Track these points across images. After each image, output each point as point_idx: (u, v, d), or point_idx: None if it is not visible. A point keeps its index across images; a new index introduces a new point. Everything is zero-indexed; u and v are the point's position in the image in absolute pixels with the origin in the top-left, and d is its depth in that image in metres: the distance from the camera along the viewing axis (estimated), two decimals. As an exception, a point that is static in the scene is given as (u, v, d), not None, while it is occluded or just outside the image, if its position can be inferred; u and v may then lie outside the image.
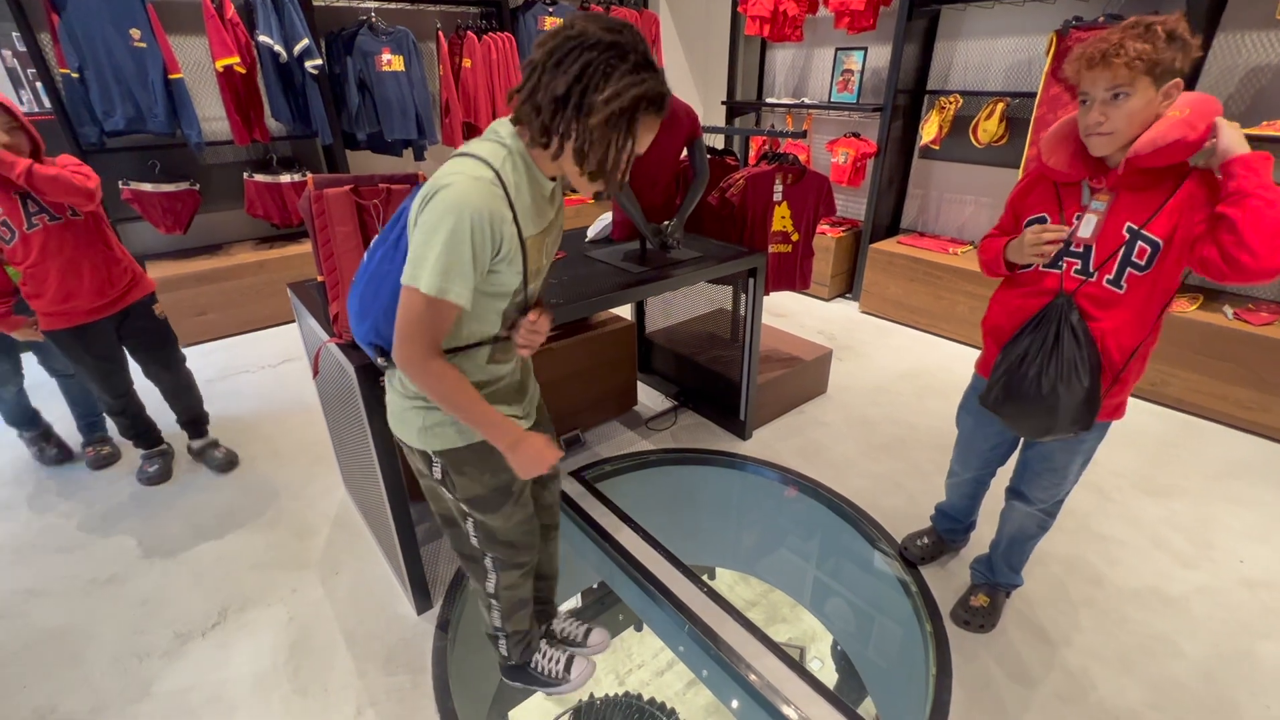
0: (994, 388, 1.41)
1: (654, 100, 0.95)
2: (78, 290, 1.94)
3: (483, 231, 0.93)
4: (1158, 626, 1.74)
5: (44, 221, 1.87)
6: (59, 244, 1.89)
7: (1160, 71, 1.11)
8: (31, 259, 1.87)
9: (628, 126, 0.94)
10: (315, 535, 2.11)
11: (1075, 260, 1.30)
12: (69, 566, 1.98)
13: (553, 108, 0.93)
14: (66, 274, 1.91)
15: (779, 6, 3.80)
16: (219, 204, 3.84)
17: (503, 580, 1.38)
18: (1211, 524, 2.12)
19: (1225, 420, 2.68)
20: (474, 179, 0.93)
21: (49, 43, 3.06)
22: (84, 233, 1.94)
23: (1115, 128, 1.16)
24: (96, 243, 1.98)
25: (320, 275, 1.54)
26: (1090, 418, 1.32)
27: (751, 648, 1.65)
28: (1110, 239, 1.25)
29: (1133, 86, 1.12)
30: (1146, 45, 1.08)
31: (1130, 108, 1.14)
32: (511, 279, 1.03)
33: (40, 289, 1.91)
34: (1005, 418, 1.43)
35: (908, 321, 3.74)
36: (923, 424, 2.71)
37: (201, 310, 3.50)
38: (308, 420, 2.75)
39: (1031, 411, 1.35)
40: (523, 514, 1.31)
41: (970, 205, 3.79)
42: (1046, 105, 2.99)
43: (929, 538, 1.96)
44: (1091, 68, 1.14)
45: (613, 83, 0.91)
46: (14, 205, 1.83)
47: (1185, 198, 1.18)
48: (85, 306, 1.98)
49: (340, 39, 3.74)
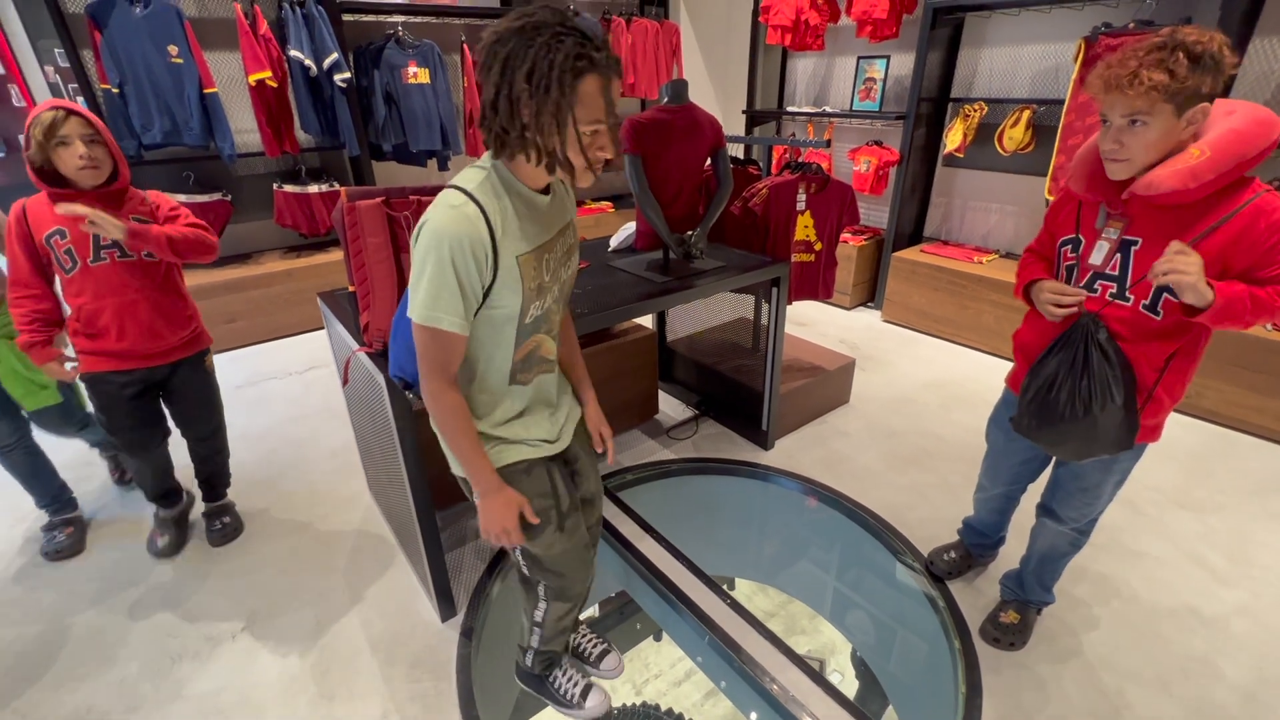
0: (1025, 414, 1.37)
1: (580, 58, 0.88)
2: (131, 332, 1.75)
3: (463, 258, 0.94)
4: (1196, 647, 1.69)
5: (113, 257, 1.69)
6: (122, 282, 1.71)
7: (1183, 99, 1.05)
8: (89, 294, 1.69)
9: (560, 95, 0.89)
10: (341, 541, 2.14)
11: (1110, 283, 1.25)
12: (101, 571, 2.03)
13: (492, 114, 0.93)
14: (123, 313, 1.73)
15: (801, 16, 3.80)
16: (249, 214, 3.94)
17: (552, 611, 1.39)
18: (1249, 540, 2.06)
19: (1261, 433, 2.61)
20: (449, 208, 0.95)
21: (91, 59, 3.17)
22: (152, 275, 1.77)
23: (1130, 155, 1.12)
24: (163, 286, 1.80)
25: (351, 285, 1.57)
26: (1130, 438, 1.28)
27: (774, 659, 1.64)
28: (1149, 262, 1.17)
29: (1151, 115, 1.07)
30: (1163, 77, 1.02)
31: (1147, 138, 1.09)
32: (511, 300, 1.03)
33: (91, 326, 1.72)
34: (1042, 443, 1.39)
35: (931, 331, 3.70)
36: (949, 435, 2.68)
37: (231, 318, 3.58)
38: (334, 427, 2.80)
39: (1068, 435, 1.31)
40: (567, 543, 1.28)
41: (995, 214, 3.75)
42: (1074, 113, 2.95)
43: (956, 552, 1.93)
44: (1109, 92, 1.09)
45: (528, 62, 0.88)
46: (85, 235, 1.64)
47: (1240, 230, 1.10)
48: (138, 350, 1.78)
49: (368, 53, 3.82)
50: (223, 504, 2.20)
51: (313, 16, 3.46)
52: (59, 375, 1.78)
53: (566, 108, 0.90)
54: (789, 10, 3.81)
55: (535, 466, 1.20)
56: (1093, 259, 1.26)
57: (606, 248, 2.48)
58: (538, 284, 1.06)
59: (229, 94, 3.61)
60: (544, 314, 1.12)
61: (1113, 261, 1.24)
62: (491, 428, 1.16)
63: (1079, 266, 1.29)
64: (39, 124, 1.50)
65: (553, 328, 1.17)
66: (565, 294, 1.19)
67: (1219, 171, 1.07)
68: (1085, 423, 1.27)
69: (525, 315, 1.07)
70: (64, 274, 1.68)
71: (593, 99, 0.92)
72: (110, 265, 1.68)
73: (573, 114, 0.91)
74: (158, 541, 2.08)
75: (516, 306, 1.04)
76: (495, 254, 0.98)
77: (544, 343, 1.16)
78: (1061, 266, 1.35)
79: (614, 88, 0.94)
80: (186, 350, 1.90)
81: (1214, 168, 1.06)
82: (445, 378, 1.04)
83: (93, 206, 1.57)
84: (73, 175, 1.57)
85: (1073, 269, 1.31)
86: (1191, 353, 1.27)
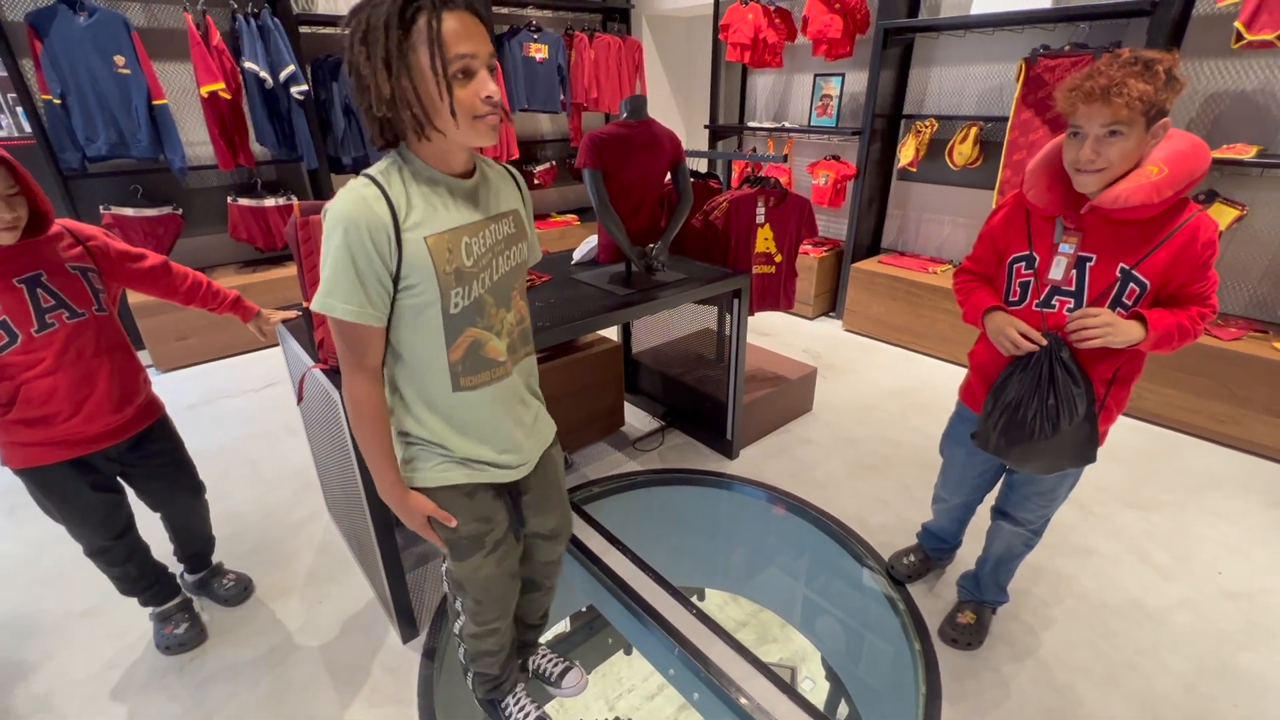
0: (992, 434, 1.39)
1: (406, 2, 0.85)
2: (89, 408, 1.42)
3: (360, 242, 0.92)
4: (1142, 640, 1.76)
5: (61, 320, 1.36)
6: (78, 349, 1.39)
7: (1155, 113, 1.10)
8: (39, 369, 1.34)
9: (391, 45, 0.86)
10: (298, 562, 2.07)
11: (1067, 299, 1.28)
12: (44, 599, 1.93)
13: (360, 100, 0.92)
14: (78, 387, 1.39)
15: (759, 34, 3.90)
16: (202, 228, 3.82)
17: (468, 629, 1.36)
18: (1190, 536, 2.16)
19: (1201, 434, 2.74)
20: (348, 191, 0.94)
21: (30, 68, 3.05)
22: (107, 332, 1.45)
23: (1108, 164, 1.14)
24: (117, 344, 1.49)
25: (305, 301, 1.54)
26: (1094, 450, 1.32)
27: (741, 670, 1.64)
28: (1103, 278, 1.23)
29: (1130, 126, 1.10)
30: (1149, 86, 1.06)
31: (1124, 147, 1.12)
32: (426, 286, 0.98)
33: (39, 408, 1.36)
34: (1010, 461, 1.41)
35: (890, 339, 3.80)
36: (908, 441, 2.74)
37: (183, 335, 3.46)
38: (292, 445, 2.72)
39: (1038, 452, 1.33)
40: (492, 570, 1.23)
41: (948, 225, 3.88)
42: (1018, 129, 3.09)
43: (915, 556, 1.97)
44: (1090, 102, 1.10)
45: (361, 27, 0.88)
46: (17, 300, 1.30)
47: (1180, 247, 1.17)
48: (95, 429, 1.45)
49: (326, 65, 3.78)
50: (215, 565, 1.94)
51: (268, 28, 3.40)
52: None
53: (400, 57, 0.86)
54: (747, 29, 3.90)
55: (480, 491, 1.17)
56: (1052, 274, 1.28)
57: (570, 260, 2.49)
58: (454, 268, 1.00)
59: (180, 105, 3.52)
60: (475, 305, 1.04)
61: (1069, 276, 1.27)
62: (436, 437, 1.11)
63: (1036, 282, 1.32)
64: None
65: (494, 325, 1.09)
66: (508, 289, 1.11)
67: (1176, 189, 1.13)
68: (1055, 440, 1.30)
69: (448, 303, 1.01)
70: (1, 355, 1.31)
71: (437, 40, 0.86)
72: (62, 330, 1.36)
73: (412, 62, 0.87)
74: (175, 631, 1.73)
75: (434, 293, 0.99)
76: (398, 234, 0.94)
77: (486, 341, 1.08)
78: (1014, 283, 1.36)
79: (463, 21, 0.88)
80: (152, 412, 1.61)
81: (1172, 184, 1.12)
82: (353, 367, 1.01)
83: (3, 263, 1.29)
84: None
85: (1028, 285, 1.33)
86: (1136, 365, 1.33)
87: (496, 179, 1.11)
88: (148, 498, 1.70)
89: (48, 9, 2.93)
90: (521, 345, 1.18)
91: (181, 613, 1.76)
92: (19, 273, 1.31)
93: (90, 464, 1.49)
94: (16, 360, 1.33)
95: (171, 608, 1.75)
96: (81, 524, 1.53)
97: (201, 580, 1.91)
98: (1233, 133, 2.72)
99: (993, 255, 1.44)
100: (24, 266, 1.32)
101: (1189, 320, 1.21)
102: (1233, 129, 2.72)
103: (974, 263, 1.50)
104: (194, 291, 1.65)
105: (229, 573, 1.95)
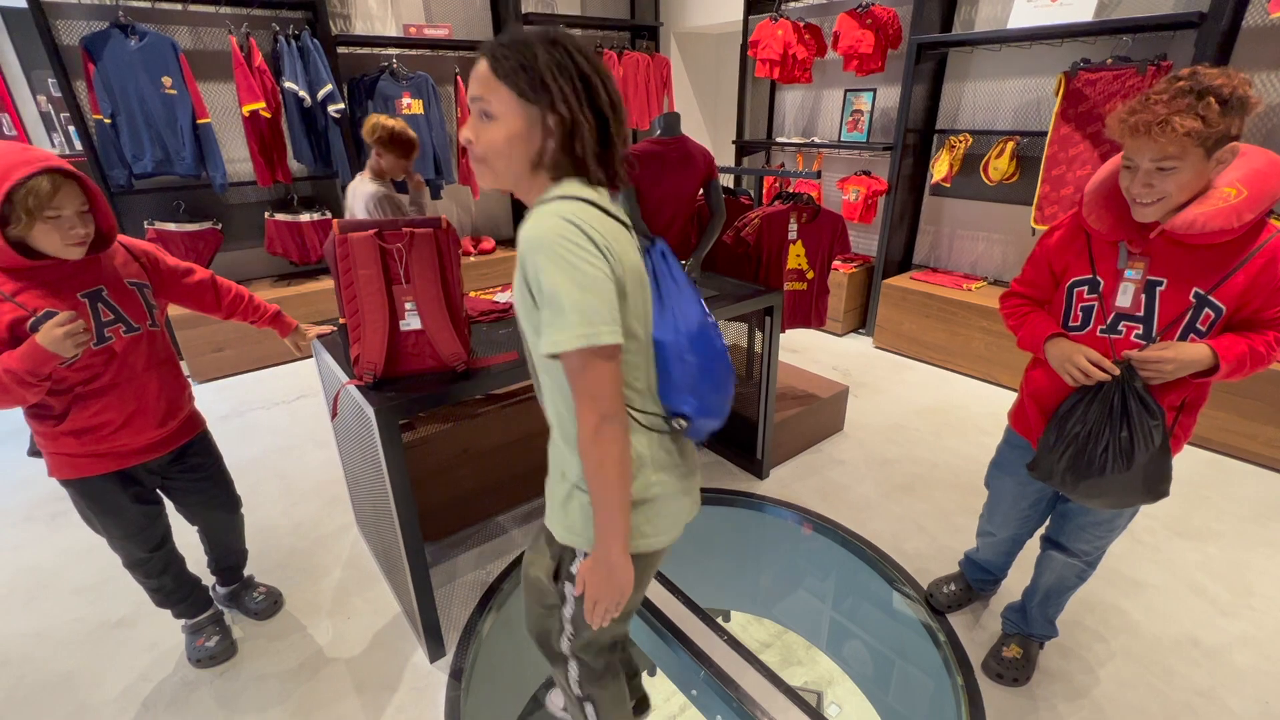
0: (1057, 468, 1.30)
1: None
2: (138, 421, 1.44)
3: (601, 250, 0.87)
4: (1201, 681, 1.66)
5: (119, 334, 1.38)
6: (131, 364, 1.41)
7: (1214, 143, 1.04)
8: (95, 384, 1.36)
9: None
10: (327, 577, 2.08)
11: (1136, 324, 1.22)
12: (79, 609, 1.96)
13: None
14: (127, 400, 1.42)
15: (788, 50, 3.89)
16: (240, 242, 3.92)
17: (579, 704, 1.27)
18: (1248, 568, 2.05)
19: (1254, 459, 2.62)
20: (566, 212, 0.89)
21: (83, 89, 3.17)
22: (157, 347, 1.47)
23: (1163, 195, 1.09)
24: (166, 359, 1.51)
25: (342, 317, 1.55)
26: (1167, 484, 1.25)
27: (771, 696, 1.59)
28: (1175, 303, 1.18)
29: (1182, 160, 1.05)
30: (1196, 124, 1.00)
31: (1179, 180, 1.07)
32: None
33: (90, 420, 1.38)
34: (1076, 495, 1.32)
35: (923, 357, 3.71)
36: (943, 462, 2.66)
37: (219, 346, 3.54)
38: (322, 458, 2.74)
39: (1109, 488, 1.26)
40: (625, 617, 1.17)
41: (983, 241, 3.80)
42: (1057, 144, 3.02)
43: (957, 584, 1.90)
44: (1135, 136, 1.06)
45: None
46: (80, 314, 1.29)
47: (1259, 270, 1.11)
48: (141, 442, 1.47)
49: (362, 84, 3.86)
50: (246, 578, 1.95)
51: (307, 49, 3.49)
52: None
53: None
54: (777, 45, 3.89)
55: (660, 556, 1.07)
56: (1119, 300, 1.23)
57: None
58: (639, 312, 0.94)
59: (222, 123, 3.62)
60: None
61: (1138, 301, 1.21)
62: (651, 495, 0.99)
63: (1100, 307, 1.26)
64: (32, 193, 1.17)
65: None
66: None
67: (1258, 211, 1.07)
68: (1130, 474, 1.23)
69: None
70: (61, 367, 1.31)
71: None
72: (116, 344, 1.38)
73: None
74: (207, 644, 1.74)
75: None
76: None
77: None
78: (1075, 308, 1.30)
79: None
80: (194, 425, 1.62)
81: (1254, 207, 1.07)
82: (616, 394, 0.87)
83: (65, 277, 1.31)
84: (55, 251, 1.25)
85: (1090, 310, 1.27)
86: (1204, 391, 1.27)
87: None
88: (186, 510, 1.71)
89: (102, 33, 3.05)
90: None
91: (213, 625, 1.77)
92: (82, 287, 1.32)
93: (133, 476, 1.50)
94: (75, 374, 1.34)
95: (204, 620, 1.76)
96: (122, 535, 1.54)
97: (233, 593, 1.92)
98: (1287, 147, 2.62)
99: (1048, 278, 1.38)
100: (87, 281, 1.33)
101: (1264, 346, 1.14)
102: (1287, 143, 2.63)
103: (1025, 285, 1.44)
104: (236, 305, 1.68)
105: (260, 585, 1.96)
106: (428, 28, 4.05)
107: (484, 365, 1.61)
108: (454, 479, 2.19)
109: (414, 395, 1.46)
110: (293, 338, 1.79)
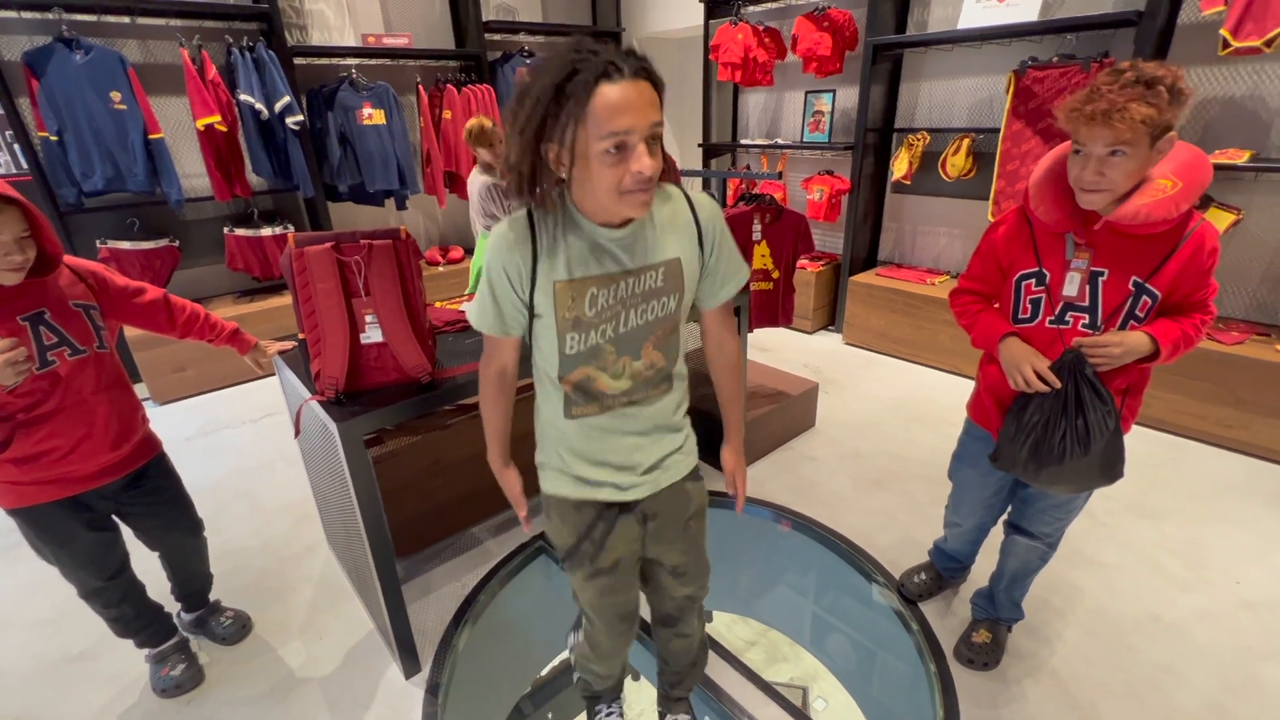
0: (1019, 457, 1.34)
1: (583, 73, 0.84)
2: (87, 445, 1.40)
3: (499, 276, 1.02)
4: (1162, 655, 1.72)
5: (63, 357, 1.34)
6: (78, 387, 1.37)
7: (1159, 131, 1.09)
8: (38, 409, 1.32)
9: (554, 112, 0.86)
10: (297, 596, 2.03)
11: (1082, 314, 1.27)
12: (37, 643, 1.89)
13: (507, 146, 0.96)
14: (76, 425, 1.38)
15: (749, 54, 3.94)
16: (199, 259, 3.83)
17: (581, 640, 1.45)
18: (1204, 545, 2.12)
19: (1207, 439, 2.72)
20: (499, 226, 1.03)
21: (27, 106, 3.07)
22: (106, 369, 1.43)
23: (1112, 184, 1.13)
24: (116, 381, 1.47)
25: (301, 333, 1.52)
26: (1121, 465, 1.29)
27: (753, 697, 1.60)
28: (1117, 292, 1.22)
29: (1134, 147, 1.09)
30: (1152, 110, 1.04)
31: (1129, 167, 1.11)
32: (549, 322, 1.02)
33: (35, 447, 1.34)
34: (1038, 482, 1.37)
35: (891, 352, 3.78)
36: (913, 456, 2.71)
37: (180, 366, 3.44)
38: (290, 476, 2.69)
39: (1069, 474, 1.30)
40: (594, 597, 1.27)
41: (944, 236, 3.89)
42: (1010, 140, 3.11)
43: (927, 574, 1.93)
44: (1091, 124, 1.09)
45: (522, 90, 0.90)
46: (21, 338, 1.26)
47: (1189, 256, 1.17)
48: (92, 467, 1.43)
49: (321, 95, 3.81)
50: (213, 603, 1.89)
51: (263, 60, 3.43)
52: None
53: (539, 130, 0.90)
54: (737, 49, 3.94)
55: (586, 507, 1.19)
56: (1066, 290, 1.27)
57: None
58: (574, 316, 1.00)
59: (176, 138, 3.54)
60: (591, 351, 1.04)
61: (1083, 292, 1.26)
62: (555, 451, 1.18)
63: (1048, 299, 1.30)
64: None
65: (609, 368, 1.07)
66: (638, 341, 1.07)
67: (1191, 201, 1.13)
68: (1087, 460, 1.27)
69: (564, 345, 1.03)
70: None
71: (581, 118, 0.86)
72: (61, 368, 1.34)
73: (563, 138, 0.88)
74: (172, 673, 1.68)
75: (553, 332, 1.03)
76: (534, 274, 1.00)
77: (598, 378, 1.07)
78: (1025, 300, 1.33)
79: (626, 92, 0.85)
80: (149, 449, 1.58)
81: (1189, 198, 1.12)
82: (487, 359, 1.16)
83: (4, 300, 1.27)
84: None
85: (1039, 302, 1.31)
86: (1146, 374, 1.32)
87: (665, 223, 1.05)
88: (144, 536, 1.66)
89: (45, 48, 2.96)
90: (653, 386, 1.13)
91: (178, 653, 1.71)
92: (23, 310, 1.28)
93: (85, 502, 1.45)
94: (17, 400, 1.30)
95: (168, 648, 1.70)
96: (75, 565, 1.48)
97: (199, 619, 1.86)
98: (1223, 138, 2.73)
99: (995, 272, 1.42)
100: (28, 305, 1.29)
101: (1192, 328, 1.21)
102: (1223, 135, 2.74)
103: (974, 281, 1.48)
104: (191, 324, 1.64)
105: (227, 610, 1.90)
106: (387, 37, 4.01)
107: (449, 375, 1.60)
108: (425, 491, 2.17)
109: (378, 409, 1.44)
110: (252, 355, 1.75)
